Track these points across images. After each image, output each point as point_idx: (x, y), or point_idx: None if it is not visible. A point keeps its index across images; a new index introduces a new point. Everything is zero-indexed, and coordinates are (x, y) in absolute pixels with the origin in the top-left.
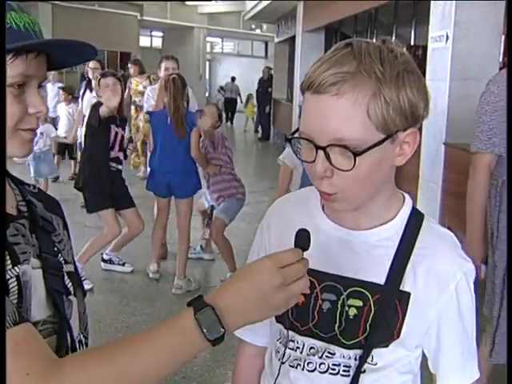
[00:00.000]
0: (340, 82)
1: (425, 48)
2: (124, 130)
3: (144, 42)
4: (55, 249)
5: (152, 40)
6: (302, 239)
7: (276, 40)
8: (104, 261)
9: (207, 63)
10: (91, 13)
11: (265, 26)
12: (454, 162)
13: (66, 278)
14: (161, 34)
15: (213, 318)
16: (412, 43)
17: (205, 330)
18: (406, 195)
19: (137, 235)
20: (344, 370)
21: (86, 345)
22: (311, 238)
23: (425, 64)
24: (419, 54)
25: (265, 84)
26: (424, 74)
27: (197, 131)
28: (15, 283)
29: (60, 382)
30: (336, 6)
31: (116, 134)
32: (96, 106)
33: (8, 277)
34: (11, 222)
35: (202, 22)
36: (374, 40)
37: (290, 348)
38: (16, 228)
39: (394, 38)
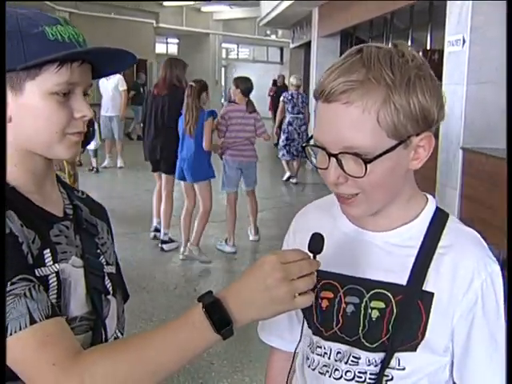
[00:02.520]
0: (349, 91)
1: (441, 52)
2: None
3: (160, 48)
4: (98, 251)
5: (168, 47)
6: (315, 242)
7: (291, 46)
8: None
9: (223, 69)
10: (108, 20)
11: (280, 32)
12: (472, 166)
13: (106, 278)
14: (176, 40)
15: (220, 310)
16: (428, 47)
17: (213, 322)
18: (430, 196)
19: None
20: (370, 378)
21: None
22: (325, 241)
23: (441, 68)
24: (435, 59)
25: (280, 90)
26: (440, 78)
27: (208, 124)
28: (55, 278)
29: (82, 373)
30: (351, 11)
31: None
32: None
33: (49, 272)
34: (55, 224)
35: (218, 29)
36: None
37: (318, 354)
38: (59, 229)
39: (409, 42)
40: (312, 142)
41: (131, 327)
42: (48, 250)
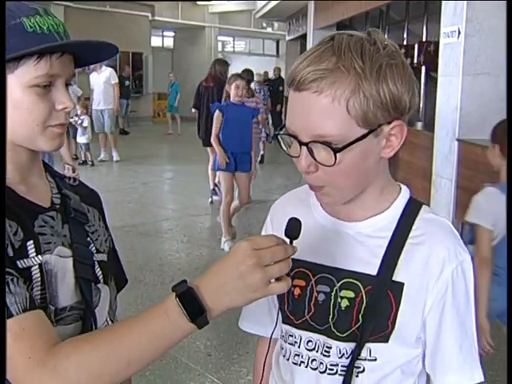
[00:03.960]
0: (319, 79)
1: (437, 44)
2: None
3: (156, 42)
4: (88, 239)
5: (163, 40)
6: (291, 227)
7: (287, 38)
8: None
9: None
10: (103, 14)
11: (276, 25)
12: (468, 157)
13: (96, 266)
14: (172, 33)
15: (193, 299)
16: (424, 39)
17: (186, 311)
18: (403, 186)
19: None
20: (342, 370)
21: None
22: (302, 228)
23: (437, 60)
24: (431, 50)
25: (276, 82)
26: (436, 69)
27: (214, 118)
28: (38, 270)
29: (55, 365)
30: (347, 3)
31: None
32: None
33: (31, 263)
34: (40, 214)
35: (213, 22)
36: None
37: (289, 343)
38: (44, 220)
39: (405, 34)
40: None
41: None
42: (31, 242)
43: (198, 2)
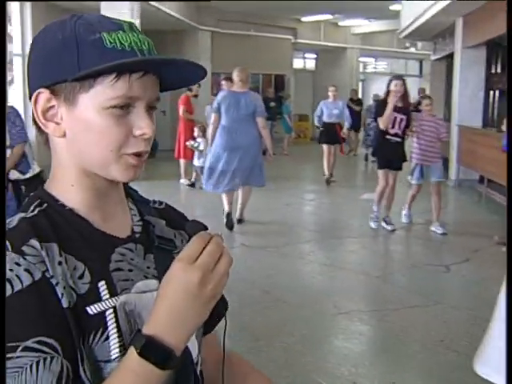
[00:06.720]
0: None
1: None
2: (406, 115)
3: (297, 64)
4: None
5: (305, 62)
6: (192, 225)
7: (432, 58)
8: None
9: (360, 83)
10: (247, 38)
11: (419, 44)
12: None
13: None
14: (314, 55)
15: (156, 348)
16: None
17: (154, 364)
18: None
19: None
20: None
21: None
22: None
23: None
24: None
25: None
26: None
27: None
28: (113, 314)
29: None
30: (498, 20)
31: (395, 117)
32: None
33: (105, 307)
34: (117, 247)
35: (355, 43)
36: None
37: None
38: (122, 253)
39: None
40: None
41: None
42: (103, 282)
43: (340, 23)
